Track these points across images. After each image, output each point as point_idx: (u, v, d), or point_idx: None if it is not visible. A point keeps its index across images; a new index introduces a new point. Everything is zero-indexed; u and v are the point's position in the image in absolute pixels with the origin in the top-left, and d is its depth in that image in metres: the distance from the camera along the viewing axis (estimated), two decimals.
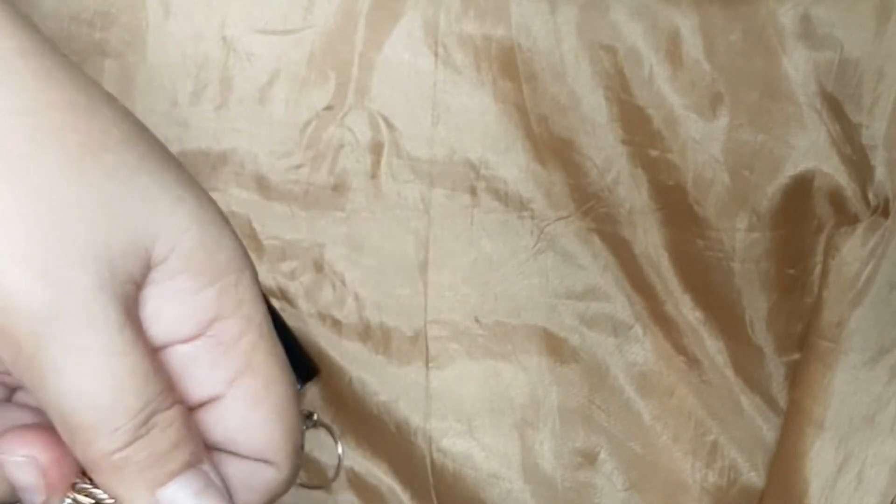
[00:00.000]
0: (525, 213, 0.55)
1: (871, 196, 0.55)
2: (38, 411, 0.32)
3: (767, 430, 0.56)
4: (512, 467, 0.55)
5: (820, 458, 0.53)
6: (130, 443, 0.29)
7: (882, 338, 0.53)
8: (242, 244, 0.32)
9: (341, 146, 0.55)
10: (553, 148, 0.55)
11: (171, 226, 0.30)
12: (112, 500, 0.30)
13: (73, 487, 0.31)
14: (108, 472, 0.30)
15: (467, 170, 0.55)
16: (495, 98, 0.54)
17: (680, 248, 0.56)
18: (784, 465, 0.54)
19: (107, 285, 0.29)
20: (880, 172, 0.55)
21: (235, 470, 0.32)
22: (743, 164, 0.55)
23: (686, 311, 0.56)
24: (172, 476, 0.30)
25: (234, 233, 0.31)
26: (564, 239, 0.55)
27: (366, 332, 0.55)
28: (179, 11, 0.53)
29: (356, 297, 0.55)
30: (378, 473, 0.54)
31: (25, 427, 0.31)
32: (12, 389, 0.34)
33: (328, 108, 0.54)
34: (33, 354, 0.28)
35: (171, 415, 0.30)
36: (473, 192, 0.55)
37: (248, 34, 0.54)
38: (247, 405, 0.31)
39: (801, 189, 0.55)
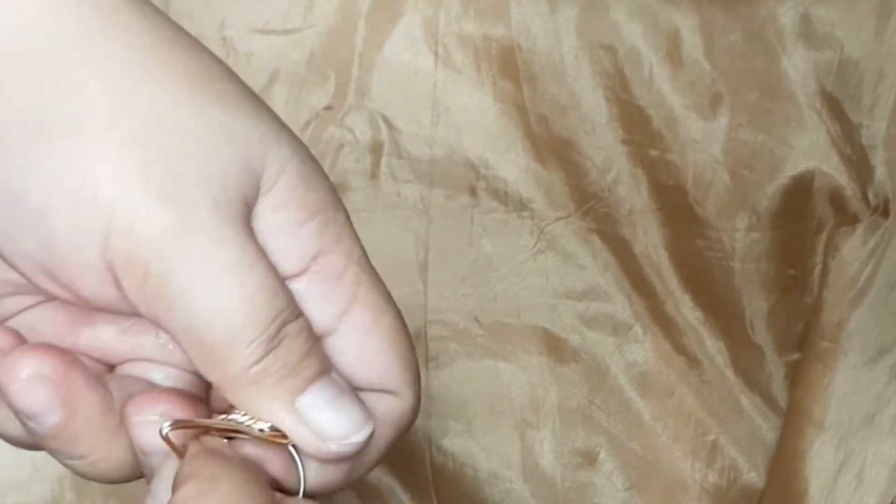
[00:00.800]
0: (525, 213, 0.55)
1: (871, 196, 0.55)
2: (146, 381, 0.32)
3: (767, 430, 0.56)
4: (512, 467, 0.55)
5: (820, 458, 0.53)
6: (266, 354, 0.29)
7: (882, 338, 0.53)
8: (333, 185, 0.32)
9: (341, 146, 0.55)
10: (553, 148, 0.55)
11: (278, 154, 0.30)
12: (250, 419, 0.30)
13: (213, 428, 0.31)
14: (247, 387, 0.29)
15: (467, 170, 0.55)
16: (495, 98, 0.54)
17: (680, 248, 0.56)
18: (784, 464, 0.54)
19: (226, 204, 0.29)
20: (880, 172, 0.55)
21: None
22: (743, 164, 0.55)
23: (686, 311, 0.56)
24: (308, 383, 0.30)
25: (325, 173, 0.32)
26: (564, 239, 0.55)
27: None
28: (179, 11, 0.53)
29: None
30: (378, 473, 0.54)
31: (153, 389, 0.31)
32: (111, 366, 0.33)
33: (328, 108, 0.54)
34: (162, 277, 0.28)
35: (300, 324, 0.30)
36: (473, 192, 0.55)
37: (248, 34, 0.54)
38: (360, 336, 0.31)
39: (801, 189, 0.55)
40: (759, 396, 0.56)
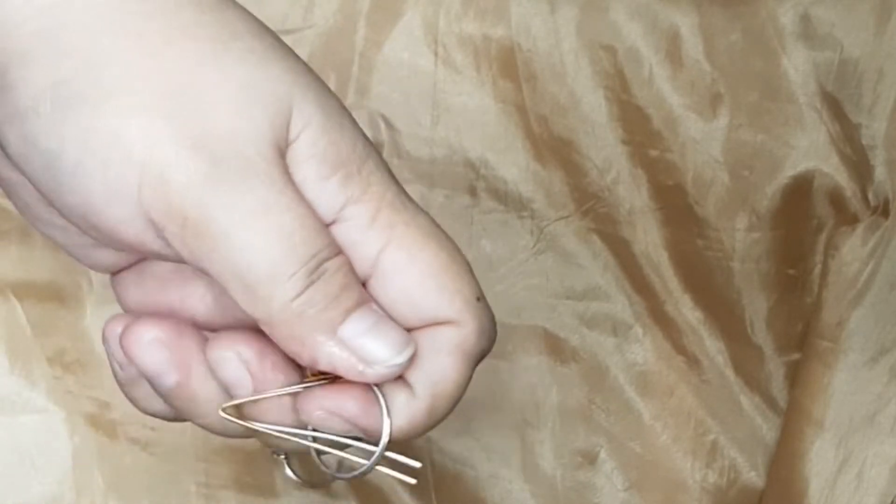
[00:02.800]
0: (525, 213, 0.55)
1: (870, 196, 0.55)
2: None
3: (767, 429, 0.56)
4: (512, 467, 0.55)
5: (820, 458, 0.53)
6: (306, 287, 0.31)
7: (882, 338, 0.53)
8: (364, 134, 0.33)
9: None
10: (553, 148, 0.55)
11: (301, 109, 0.32)
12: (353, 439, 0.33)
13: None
14: (291, 321, 0.31)
15: (467, 170, 0.55)
16: (495, 98, 0.54)
17: (680, 248, 0.56)
18: (784, 464, 0.54)
19: (256, 153, 0.31)
20: (880, 172, 0.55)
21: (417, 339, 0.33)
22: (743, 164, 0.55)
23: (686, 311, 0.56)
24: (348, 313, 0.32)
25: (354, 124, 0.33)
26: (564, 239, 0.55)
27: None
28: None
29: None
30: (379, 473, 0.54)
31: (231, 329, 0.34)
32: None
33: None
34: (201, 222, 0.30)
35: (339, 261, 0.32)
36: (473, 192, 0.55)
37: None
38: (395, 276, 0.33)
39: (800, 189, 0.56)
40: (759, 396, 0.56)
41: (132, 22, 0.31)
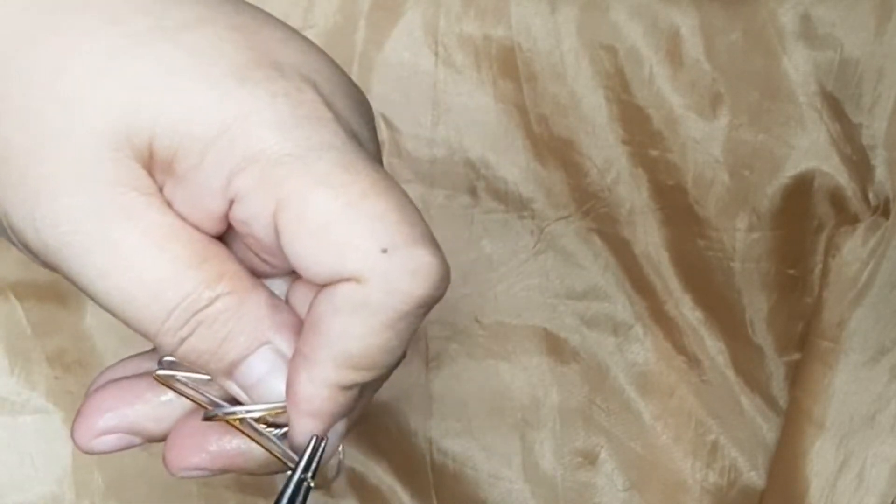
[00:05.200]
0: (525, 213, 0.55)
1: (871, 196, 0.55)
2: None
3: (768, 429, 0.56)
4: (512, 467, 0.55)
5: (820, 458, 0.53)
6: (182, 342, 0.30)
7: (883, 337, 0.53)
8: (235, 99, 0.29)
9: None
10: (553, 148, 0.55)
11: (147, 108, 0.29)
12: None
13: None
14: (188, 360, 0.30)
15: (467, 170, 0.55)
16: (495, 98, 0.54)
17: (680, 248, 0.56)
18: (784, 464, 0.54)
19: (95, 196, 0.29)
20: (880, 172, 0.55)
21: (316, 301, 0.30)
22: (743, 164, 0.55)
23: (686, 311, 0.56)
24: (235, 366, 0.30)
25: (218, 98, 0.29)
26: (565, 239, 0.55)
27: None
28: None
29: None
30: (379, 473, 0.54)
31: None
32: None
33: None
34: (67, 274, 0.30)
35: (214, 311, 0.29)
36: (473, 192, 0.55)
37: None
38: (290, 238, 0.29)
39: (801, 189, 0.55)
40: (760, 396, 0.56)
41: None
